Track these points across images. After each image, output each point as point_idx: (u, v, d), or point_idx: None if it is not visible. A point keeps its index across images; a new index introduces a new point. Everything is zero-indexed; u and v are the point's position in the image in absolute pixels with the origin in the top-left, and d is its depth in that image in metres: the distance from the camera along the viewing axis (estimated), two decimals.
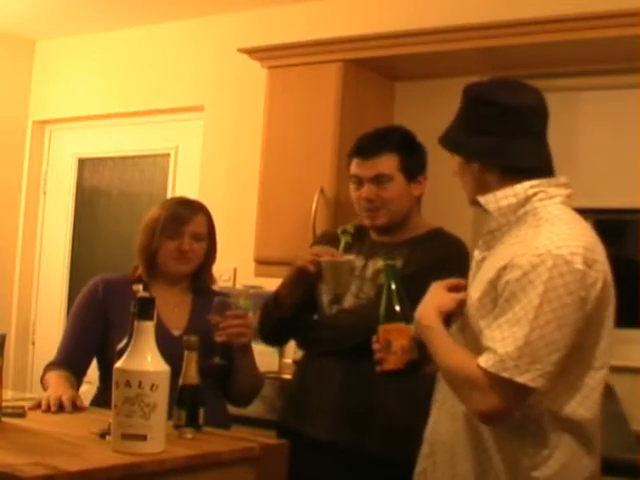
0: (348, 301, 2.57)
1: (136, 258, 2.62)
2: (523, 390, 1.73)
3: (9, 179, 4.93)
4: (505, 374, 1.72)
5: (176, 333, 2.52)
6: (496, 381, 1.73)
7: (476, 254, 1.97)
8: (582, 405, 1.82)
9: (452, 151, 1.99)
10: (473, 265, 1.98)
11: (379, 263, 2.52)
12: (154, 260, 2.57)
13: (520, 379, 1.71)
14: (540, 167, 1.90)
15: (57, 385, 2.36)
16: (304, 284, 2.57)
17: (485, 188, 1.91)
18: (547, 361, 1.72)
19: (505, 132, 1.88)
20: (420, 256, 2.49)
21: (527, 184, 1.87)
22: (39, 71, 5.01)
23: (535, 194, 1.86)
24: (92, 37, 4.77)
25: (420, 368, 1.96)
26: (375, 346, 1.96)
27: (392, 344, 1.92)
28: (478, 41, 3.21)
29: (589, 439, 1.85)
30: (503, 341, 1.73)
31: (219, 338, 2.41)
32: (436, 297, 1.93)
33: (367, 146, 2.60)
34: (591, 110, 3.41)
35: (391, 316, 1.95)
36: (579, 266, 1.74)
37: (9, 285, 4.94)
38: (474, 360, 1.77)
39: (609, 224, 1.83)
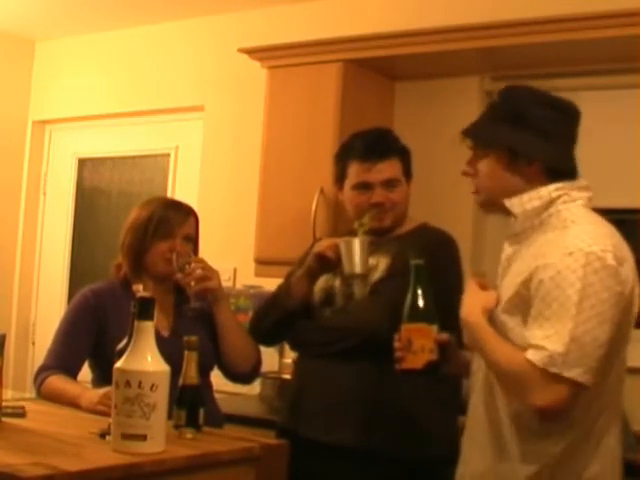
0: (339, 301, 2.57)
1: (120, 257, 2.62)
2: (572, 386, 1.74)
3: (9, 179, 4.93)
4: (554, 369, 1.73)
5: (165, 334, 2.52)
6: (545, 376, 1.74)
7: (506, 246, 1.98)
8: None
9: (498, 143, 1.94)
10: (503, 259, 1.98)
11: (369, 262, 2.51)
12: (141, 260, 2.57)
13: (568, 374, 1.72)
14: (573, 172, 1.94)
15: (83, 387, 2.42)
16: (317, 276, 2.56)
17: (511, 190, 1.91)
18: (594, 357, 1.74)
19: (559, 134, 1.92)
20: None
21: (552, 187, 1.89)
22: (39, 71, 5.01)
23: (559, 197, 1.88)
24: (92, 37, 4.77)
25: (439, 370, 1.97)
26: (396, 344, 1.97)
27: (413, 343, 1.93)
28: (478, 41, 3.21)
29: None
30: (548, 339, 1.74)
31: (192, 288, 2.51)
32: (479, 296, 1.93)
33: (374, 150, 2.57)
34: (591, 110, 3.39)
35: (414, 315, 1.95)
36: (611, 262, 1.76)
37: (9, 285, 4.94)
38: (522, 354, 1.77)
39: None
